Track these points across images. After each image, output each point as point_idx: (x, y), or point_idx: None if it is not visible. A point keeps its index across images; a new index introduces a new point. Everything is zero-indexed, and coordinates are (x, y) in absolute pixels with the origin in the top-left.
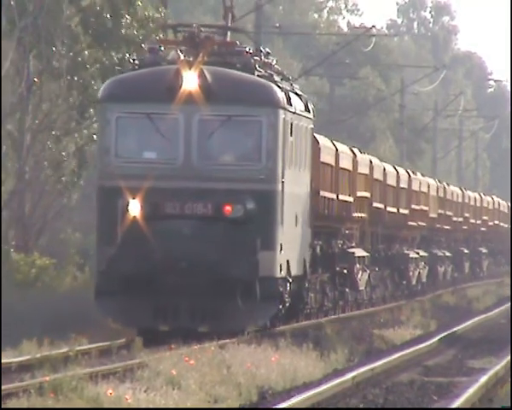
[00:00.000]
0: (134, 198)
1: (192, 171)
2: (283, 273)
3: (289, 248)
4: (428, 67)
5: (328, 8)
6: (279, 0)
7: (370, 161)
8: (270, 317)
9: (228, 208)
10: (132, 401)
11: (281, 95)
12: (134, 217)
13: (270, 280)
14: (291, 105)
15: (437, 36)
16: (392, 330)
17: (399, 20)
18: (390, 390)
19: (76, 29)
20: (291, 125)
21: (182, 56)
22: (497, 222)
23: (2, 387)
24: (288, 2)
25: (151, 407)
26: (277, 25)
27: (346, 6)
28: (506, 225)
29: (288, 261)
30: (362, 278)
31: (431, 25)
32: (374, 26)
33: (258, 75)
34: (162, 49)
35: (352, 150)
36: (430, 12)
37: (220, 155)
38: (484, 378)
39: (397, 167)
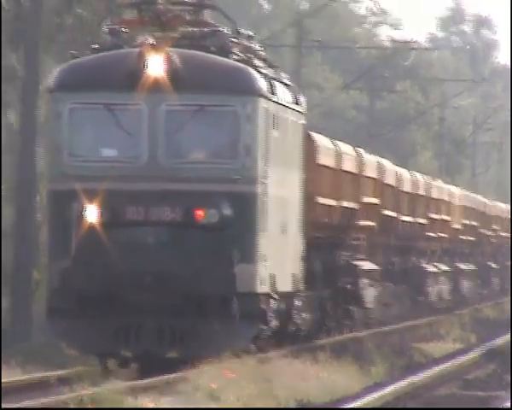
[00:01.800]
0: (91, 203)
1: (158, 170)
2: (266, 289)
3: (274, 261)
4: (468, 81)
5: (372, 23)
6: (320, 15)
7: (380, 164)
8: (251, 339)
9: (200, 213)
10: None
11: (261, 81)
12: (91, 224)
13: (250, 296)
14: (275, 94)
15: (476, 49)
16: (432, 343)
17: (439, 34)
18: (429, 403)
19: None
20: (274, 117)
21: (151, 41)
22: None
23: (42, 401)
24: (330, 17)
25: None
26: (319, 39)
27: (386, 20)
28: None
29: (272, 275)
30: (369, 294)
31: (471, 38)
32: (414, 40)
33: (234, 59)
34: (124, 30)
35: (357, 151)
36: (470, 25)
37: (190, 151)
38: None
39: (412, 172)
